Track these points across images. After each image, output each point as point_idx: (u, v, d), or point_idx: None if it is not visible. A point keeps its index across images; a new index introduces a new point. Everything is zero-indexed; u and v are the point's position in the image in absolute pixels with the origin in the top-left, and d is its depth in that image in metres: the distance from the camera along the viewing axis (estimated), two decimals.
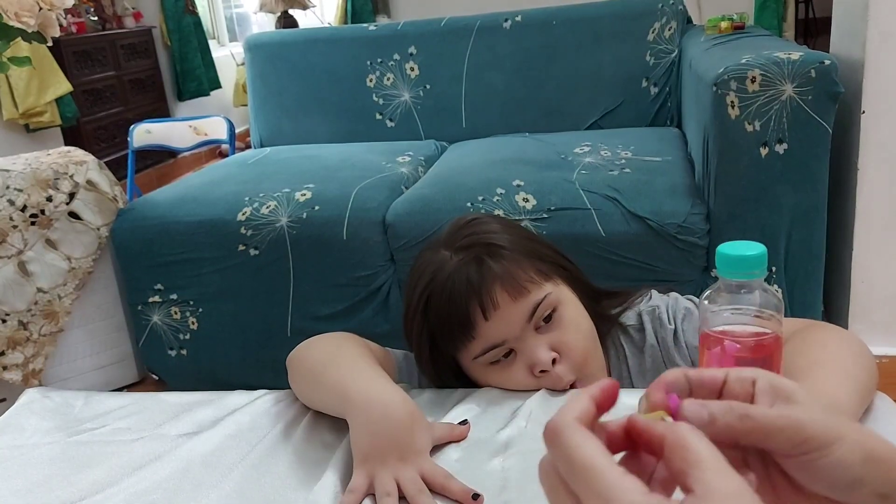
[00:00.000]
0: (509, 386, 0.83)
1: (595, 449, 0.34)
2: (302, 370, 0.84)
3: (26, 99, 3.40)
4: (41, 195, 1.77)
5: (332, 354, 0.82)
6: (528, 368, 0.82)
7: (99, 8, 4.40)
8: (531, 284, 0.82)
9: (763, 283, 0.56)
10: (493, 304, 0.81)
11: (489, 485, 0.65)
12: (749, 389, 0.40)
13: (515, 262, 0.83)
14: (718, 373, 0.41)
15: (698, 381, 0.41)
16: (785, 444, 0.38)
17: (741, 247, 0.54)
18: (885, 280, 1.69)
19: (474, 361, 0.84)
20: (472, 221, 0.89)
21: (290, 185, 1.88)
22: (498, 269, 0.82)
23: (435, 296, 0.83)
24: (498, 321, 0.81)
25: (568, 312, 0.84)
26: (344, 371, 0.77)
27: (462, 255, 0.83)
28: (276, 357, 0.88)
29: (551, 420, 0.36)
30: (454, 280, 0.82)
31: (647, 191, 1.65)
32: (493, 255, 0.83)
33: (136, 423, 0.82)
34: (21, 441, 0.80)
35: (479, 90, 2.44)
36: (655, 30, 2.33)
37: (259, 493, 0.68)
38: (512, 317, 0.81)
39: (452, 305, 0.82)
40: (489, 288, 0.81)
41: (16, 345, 1.79)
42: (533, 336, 0.82)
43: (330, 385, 0.76)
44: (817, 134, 1.50)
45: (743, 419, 0.37)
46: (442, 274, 0.83)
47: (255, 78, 2.65)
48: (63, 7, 1.53)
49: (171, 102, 4.85)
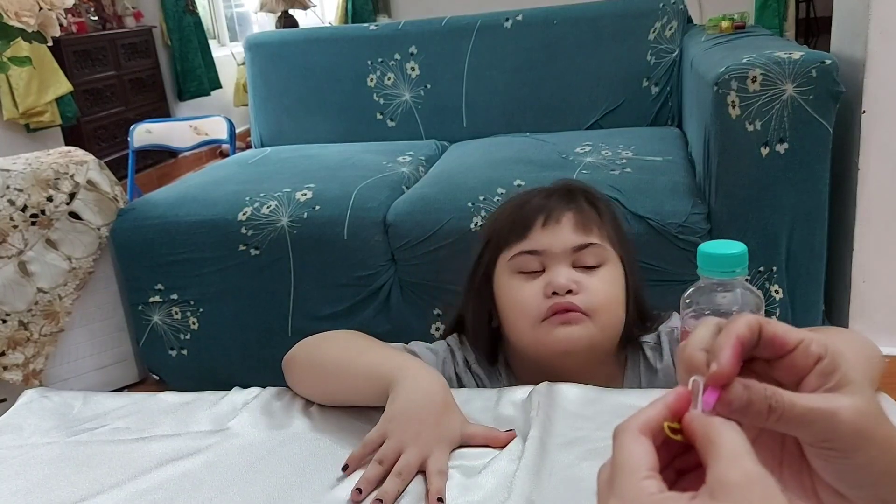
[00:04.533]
0: (520, 300, 0.87)
1: (636, 452, 0.35)
2: (320, 363, 0.82)
3: (26, 99, 3.40)
4: (41, 195, 1.76)
5: (357, 344, 0.83)
6: (544, 287, 0.86)
7: (99, 7, 4.40)
8: (596, 231, 0.89)
9: (744, 282, 0.56)
10: (556, 219, 0.88)
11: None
12: (810, 365, 0.38)
13: (597, 213, 0.91)
14: (792, 337, 0.39)
15: (769, 340, 0.39)
16: (810, 437, 0.37)
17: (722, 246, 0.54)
18: (885, 280, 1.69)
19: (509, 262, 0.89)
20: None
21: (291, 184, 1.88)
22: (578, 204, 0.90)
23: (516, 198, 0.94)
24: (550, 233, 0.88)
25: (609, 276, 0.88)
26: (379, 355, 0.78)
27: (557, 188, 0.94)
28: (277, 357, 0.88)
29: (619, 423, 0.37)
30: (538, 193, 0.93)
31: (648, 190, 1.65)
32: (584, 195, 0.92)
33: (135, 423, 0.82)
34: (20, 441, 0.80)
35: (479, 90, 2.44)
36: (656, 29, 2.32)
37: (262, 492, 0.68)
38: (563, 237, 0.87)
39: (524, 206, 0.91)
40: (561, 208, 0.89)
41: (16, 345, 1.79)
42: (567, 264, 0.87)
43: (364, 370, 0.77)
44: (818, 133, 1.50)
45: (770, 412, 0.36)
46: (533, 190, 0.94)
47: (256, 78, 2.64)
48: (63, 7, 1.53)
49: (171, 102, 4.85)
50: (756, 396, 0.36)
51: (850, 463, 0.37)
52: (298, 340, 0.87)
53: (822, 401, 0.37)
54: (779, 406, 0.36)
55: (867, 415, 0.37)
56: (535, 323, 0.86)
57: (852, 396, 0.37)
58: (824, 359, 0.38)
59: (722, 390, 0.36)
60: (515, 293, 0.88)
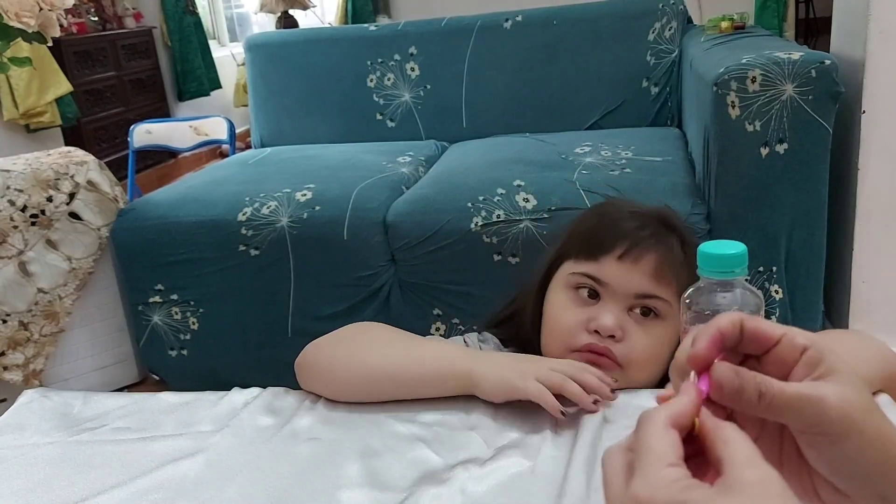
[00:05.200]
0: (561, 320, 0.84)
1: (665, 440, 0.36)
2: (363, 366, 0.80)
3: (27, 99, 3.40)
4: (42, 195, 1.77)
5: (397, 342, 0.83)
6: (588, 320, 0.82)
7: (99, 8, 4.40)
8: (670, 283, 0.81)
9: (744, 283, 0.56)
10: (635, 258, 0.81)
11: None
12: (796, 357, 0.40)
13: (683, 258, 0.82)
14: (775, 331, 0.41)
15: (752, 334, 0.41)
16: (799, 423, 0.39)
17: (722, 246, 0.55)
18: (885, 280, 1.69)
19: (570, 275, 0.85)
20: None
21: (291, 185, 1.88)
22: (667, 246, 0.82)
23: (608, 209, 0.89)
24: (622, 269, 0.81)
25: (660, 333, 0.82)
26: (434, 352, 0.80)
27: (654, 216, 0.85)
28: (277, 357, 0.88)
29: (647, 410, 0.38)
30: (632, 215, 0.85)
31: (648, 191, 1.65)
32: (679, 236, 0.84)
33: (136, 423, 0.82)
34: (21, 441, 0.80)
35: (479, 90, 2.44)
36: (656, 30, 2.32)
37: (263, 492, 0.68)
38: (633, 280, 0.81)
39: (612, 226, 0.84)
40: (647, 246, 0.81)
41: (16, 345, 1.79)
42: (623, 307, 0.82)
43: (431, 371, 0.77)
44: (818, 134, 1.50)
45: (761, 397, 0.38)
46: (629, 205, 0.88)
47: (256, 78, 2.65)
48: (63, 7, 1.53)
49: (171, 102, 4.85)
50: (747, 383, 0.38)
51: (839, 451, 0.38)
52: (298, 340, 0.86)
53: (809, 388, 0.38)
54: (769, 392, 0.38)
55: (854, 403, 0.38)
56: (567, 351, 0.83)
57: (838, 385, 0.38)
58: (809, 349, 0.40)
59: (710, 377, 0.39)
60: (559, 311, 0.85)
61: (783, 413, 0.38)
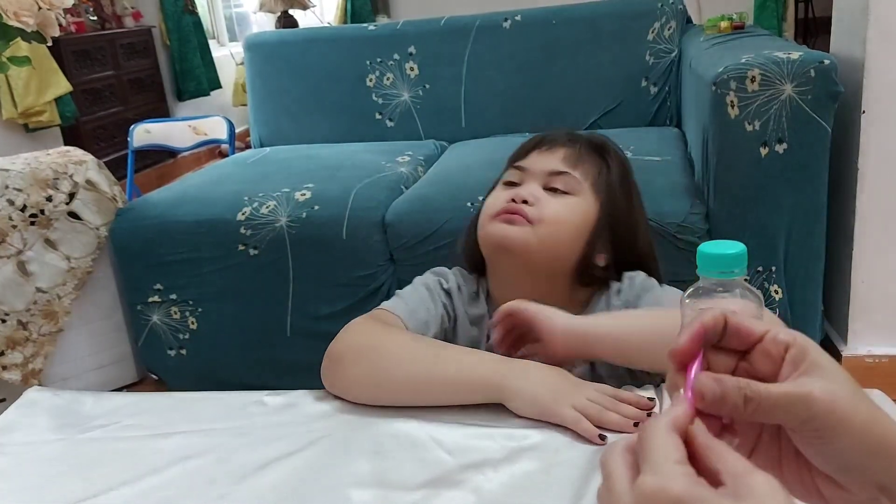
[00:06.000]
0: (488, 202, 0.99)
1: (671, 441, 0.36)
2: (389, 378, 0.81)
3: (26, 98, 3.39)
4: (41, 195, 1.76)
5: (419, 349, 0.83)
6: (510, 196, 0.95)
7: (98, 7, 4.40)
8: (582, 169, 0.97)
9: (743, 283, 0.56)
10: (550, 147, 1.00)
11: None
12: (781, 353, 0.40)
13: (599, 162, 0.99)
14: (758, 327, 0.42)
15: (735, 330, 0.41)
16: (789, 421, 0.39)
17: (722, 246, 0.55)
18: (885, 280, 1.69)
19: (503, 176, 1.03)
20: None
21: (290, 184, 1.88)
22: (579, 146, 1.00)
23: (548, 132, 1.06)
24: (539, 156, 1.00)
25: (571, 204, 0.95)
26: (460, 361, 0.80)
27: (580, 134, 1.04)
28: (276, 356, 0.88)
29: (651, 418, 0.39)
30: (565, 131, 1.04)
31: (647, 190, 1.63)
32: (593, 144, 1.01)
33: (146, 421, 0.82)
34: (32, 438, 0.80)
35: (478, 90, 2.44)
36: (655, 29, 2.32)
37: (272, 490, 0.68)
38: (547, 161, 0.98)
39: (542, 136, 1.04)
40: (562, 140, 1.01)
41: (15, 345, 1.78)
42: (539, 183, 0.97)
43: (464, 382, 0.78)
44: (817, 134, 1.50)
45: (747, 401, 0.38)
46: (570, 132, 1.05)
47: (255, 78, 2.64)
48: (62, 6, 1.53)
49: (170, 102, 4.85)
50: (729, 389, 0.38)
51: (833, 445, 0.38)
52: (297, 340, 0.87)
53: (795, 386, 0.39)
54: (755, 395, 0.38)
55: (841, 396, 0.38)
56: (489, 218, 0.96)
57: (823, 379, 0.39)
58: (792, 346, 0.40)
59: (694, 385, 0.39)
60: (490, 199, 0.99)
61: (773, 414, 0.38)
